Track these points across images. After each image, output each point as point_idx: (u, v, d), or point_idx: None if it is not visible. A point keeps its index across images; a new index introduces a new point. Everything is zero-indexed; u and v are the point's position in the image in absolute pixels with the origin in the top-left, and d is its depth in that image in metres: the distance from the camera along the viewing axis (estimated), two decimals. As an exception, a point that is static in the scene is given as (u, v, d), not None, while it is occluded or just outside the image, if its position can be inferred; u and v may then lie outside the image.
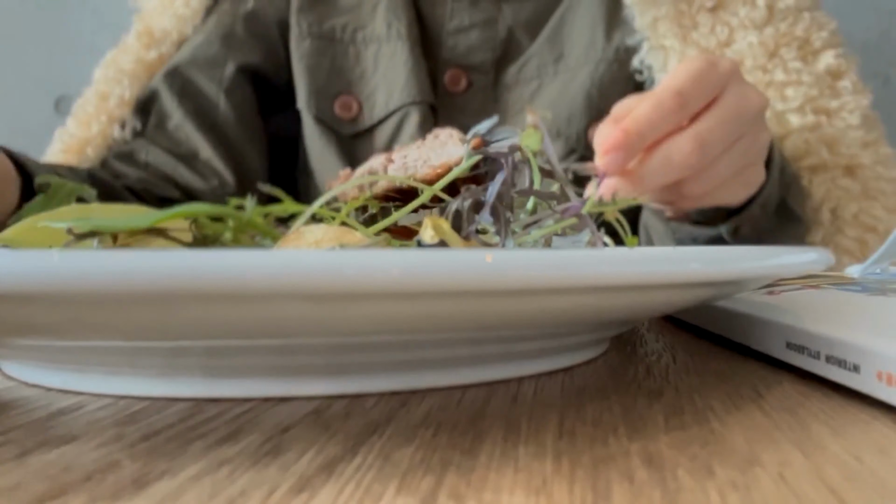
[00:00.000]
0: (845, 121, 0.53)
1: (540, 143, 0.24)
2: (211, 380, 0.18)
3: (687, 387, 0.19)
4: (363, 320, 0.15)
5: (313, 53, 0.65)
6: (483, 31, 0.64)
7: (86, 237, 0.19)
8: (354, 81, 0.65)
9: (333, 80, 0.65)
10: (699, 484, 0.12)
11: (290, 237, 0.20)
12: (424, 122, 0.62)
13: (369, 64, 0.65)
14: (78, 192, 0.28)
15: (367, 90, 0.65)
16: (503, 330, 0.18)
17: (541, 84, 0.63)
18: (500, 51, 0.64)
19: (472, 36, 0.64)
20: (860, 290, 0.28)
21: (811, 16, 0.55)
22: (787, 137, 0.53)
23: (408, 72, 0.63)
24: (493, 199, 0.22)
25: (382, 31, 0.65)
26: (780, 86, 0.53)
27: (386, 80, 0.64)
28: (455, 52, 0.64)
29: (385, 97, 0.64)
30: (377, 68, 0.64)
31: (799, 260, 0.19)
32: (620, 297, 0.17)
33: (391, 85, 0.63)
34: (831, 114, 0.53)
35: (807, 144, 0.53)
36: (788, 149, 0.53)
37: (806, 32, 0.54)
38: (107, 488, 0.12)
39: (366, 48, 0.65)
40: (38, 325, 0.15)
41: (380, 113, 0.64)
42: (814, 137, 0.53)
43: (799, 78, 0.53)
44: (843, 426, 0.16)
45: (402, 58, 0.63)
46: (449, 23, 0.65)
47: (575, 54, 0.62)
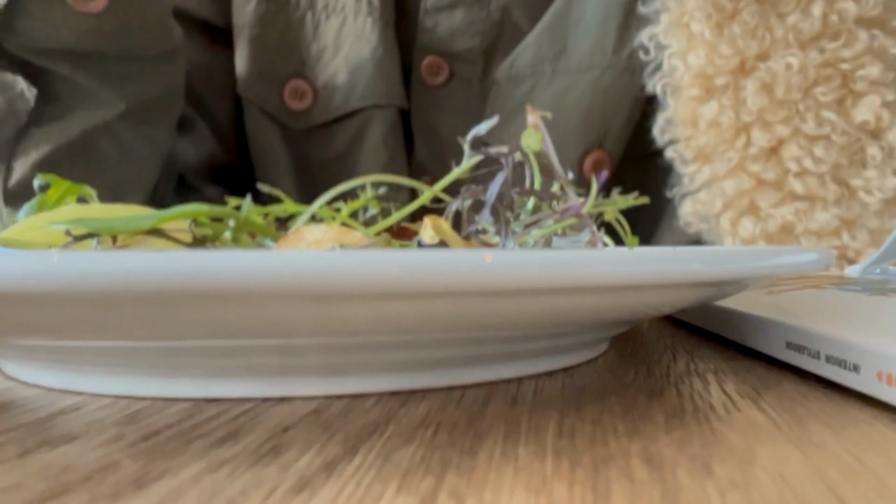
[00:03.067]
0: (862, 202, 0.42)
1: (540, 143, 0.24)
2: (211, 380, 0.18)
3: (687, 387, 0.19)
4: (363, 320, 0.15)
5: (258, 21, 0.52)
6: (470, 10, 0.51)
7: (85, 238, 0.19)
8: (310, 62, 0.52)
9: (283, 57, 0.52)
10: (699, 484, 0.12)
11: (290, 237, 0.20)
12: (391, 131, 0.52)
13: (329, 41, 0.52)
14: (78, 192, 0.28)
15: (325, 75, 0.52)
16: (503, 330, 0.18)
17: (534, 86, 0.50)
18: (490, 36, 0.51)
19: (456, 16, 0.51)
20: (860, 290, 0.28)
21: (869, 36, 0.41)
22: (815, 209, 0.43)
23: (375, 63, 0.51)
24: (493, 199, 0.22)
25: (350, 2, 0.52)
26: (808, 140, 0.42)
27: (348, 66, 0.52)
28: (434, 36, 0.52)
29: (345, 90, 0.52)
30: (339, 49, 0.52)
31: (799, 260, 0.19)
32: (620, 297, 0.17)
33: (354, 75, 0.51)
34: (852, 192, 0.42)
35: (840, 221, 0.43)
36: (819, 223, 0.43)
37: (853, 64, 0.41)
38: (107, 488, 0.12)
39: (327, 20, 0.52)
40: (38, 325, 0.15)
41: (337, 108, 0.52)
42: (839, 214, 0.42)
43: (830, 134, 0.42)
44: (843, 426, 0.16)
45: (371, 43, 0.51)
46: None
47: (579, 53, 0.50)
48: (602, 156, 0.50)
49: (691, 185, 0.45)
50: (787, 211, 0.42)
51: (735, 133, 0.43)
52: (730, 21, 0.43)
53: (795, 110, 0.42)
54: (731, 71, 0.43)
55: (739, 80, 0.43)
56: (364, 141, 0.52)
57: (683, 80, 0.44)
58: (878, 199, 0.42)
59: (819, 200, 0.42)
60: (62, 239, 0.19)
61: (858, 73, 0.42)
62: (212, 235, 0.21)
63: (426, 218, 0.21)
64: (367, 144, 0.52)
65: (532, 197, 0.26)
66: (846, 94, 0.42)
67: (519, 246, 0.23)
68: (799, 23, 0.42)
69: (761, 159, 0.42)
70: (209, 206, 0.20)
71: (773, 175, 0.42)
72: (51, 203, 0.28)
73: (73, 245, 0.19)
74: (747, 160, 0.43)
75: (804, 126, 0.42)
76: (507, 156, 0.22)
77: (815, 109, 0.42)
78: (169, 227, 0.20)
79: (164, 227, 0.20)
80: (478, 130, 0.24)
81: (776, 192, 0.43)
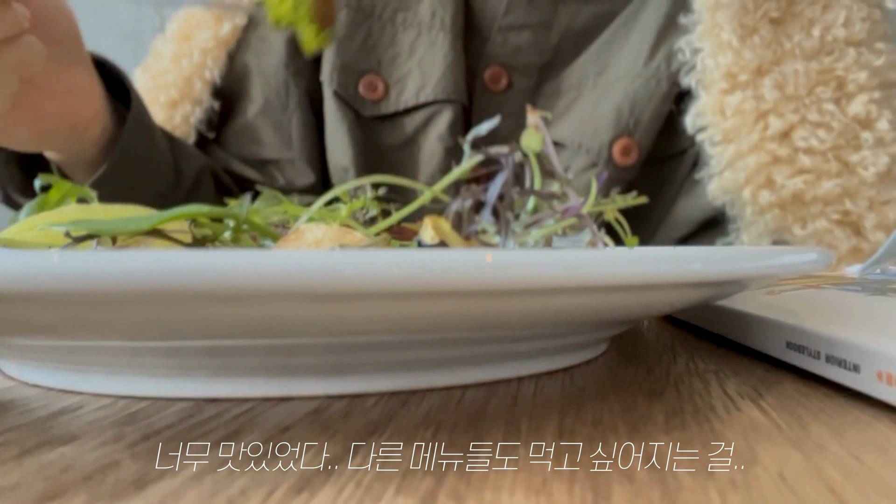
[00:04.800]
0: (860, 176, 0.52)
1: (540, 143, 0.24)
2: (211, 380, 0.18)
3: (687, 387, 0.19)
4: (363, 320, 0.15)
5: (347, 25, 0.61)
6: (535, 33, 0.61)
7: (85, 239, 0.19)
8: (385, 63, 0.61)
9: (363, 56, 0.61)
10: (699, 484, 0.12)
11: (290, 237, 0.20)
12: (456, 123, 0.60)
13: (404, 48, 0.61)
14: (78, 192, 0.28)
15: (398, 74, 0.61)
16: (503, 330, 0.18)
17: (578, 95, 0.60)
18: (547, 56, 0.61)
19: (523, 36, 0.61)
20: (860, 290, 0.28)
21: (857, 52, 0.54)
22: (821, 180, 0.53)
23: (446, 66, 0.60)
24: (493, 199, 0.22)
25: (426, 18, 0.61)
26: (813, 126, 0.53)
27: (420, 68, 0.60)
28: (502, 50, 0.61)
29: (417, 86, 0.60)
30: (413, 54, 0.61)
31: (799, 260, 0.19)
32: (620, 297, 0.17)
33: (426, 75, 0.60)
34: (851, 167, 0.53)
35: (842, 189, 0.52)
36: (824, 190, 0.52)
37: (845, 72, 0.53)
38: (107, 488, 0.12)
39: (404, 31, 0.61)
40: (38, 325, 0.15)
41: (408, 100, 0.60)
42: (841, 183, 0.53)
43: (830, 122, 0.53)
44: (843, 426, 0.16)
45: (443, 50, 0.60)
46: (503, 18, 0.61)
47: (617, 69, 0.60)
48: (630, 143, 0.58)
49: (718, 165, 0.54)
50: (798, 181, 0.52)
51: (755, 119, 0.53)
52: (751, 34, 0.55)
53: (802, 103, 0.53)
54: (752, 70, 0.54)
55: (758, 79, 0.54)
56: (430, 131, 0.60)
57: (714, 76, 0.55)
58: (873, 173, 0.52)
59: (824, 173, 0.52)
60: (62, 240, 0.19)
61: (850, 77, 0.53)
62: (212, 235, 0.21)
63: (426, 218, 0.21)
64: (432, 134, 0.60)
65: (532, 197, 0.26)
66: (841, 95, 0.54)
67: (519, 246, 0.23)
68: (803, 41, 0.54)
69: (776, 140, 0.53)
70: (209, 207, 0.20)
71: (786, 152, 0.53)
72: (51, 204, 0.28)
73: (73, 246, 0.19)
74: (765, 140, 0.53)
75: (809, 115, 0.53)
76: (508, 156, 0.22)
77: (818, 104, 0.53)
78: (169, 227, 0.20)
79: (164, 228, 0.20)
80: (478, 130, 0.24)
81: (789, 166, 0.53)
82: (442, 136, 0.60)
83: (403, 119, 0.61)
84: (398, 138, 0.61)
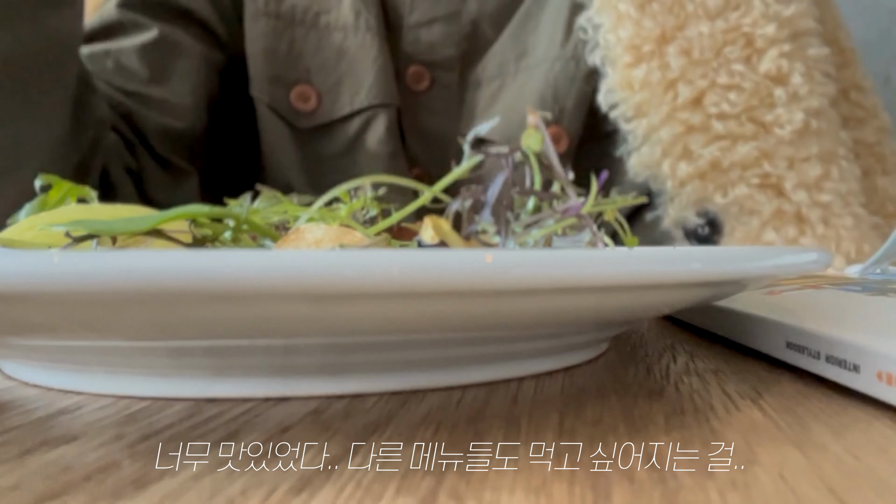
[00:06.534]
0: (776, 136, 0.51)
1: (540, 143, 0.24)
2: (211, 380, 0.18)
3: (687, 387, 0.19)
4: (363, 320, 0.15)
5: (269, 35, 0.59)
6: (446, 25, 0.60)
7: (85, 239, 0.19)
8: (314, 70, 0.60)
9: (291, 66, 0.59)
10: (699, 484, 0.12)
11: (290, 237, 0.20)
12: (392, 126, 0.59)
13: (332, 53, 0.60)
14: (78, 192, 0.28)
15: (329, 81, 0.59)
16: (503, 330, 0.18)
17: (502, 84, 0.59)
18: (464, 46, 0.60)
19: (434, 30, 0.60)
20: (860, 290, 0.28)
21: (763, 3, 0.52)
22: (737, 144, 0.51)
23: (377, 69, 0.58)
24: (493, 199, 0.22)
25: (349, 20, 0.59)
26: (723, 89, 0.51)
27: (352, 73, 0.59)
28: (417, 48, 0.60)
29: (350, 93, 0.59)
30: (342, 59, 0.59)
31: (799, 260, 0.19)
32: (620, 297, 0.17)
33: (358, 81, 0.59)
34: (767, 127, 0.51)
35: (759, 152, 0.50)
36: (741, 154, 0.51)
37: (752, 27, 0.51)
38: (107, 488, 0.12)
39: (328, 35, 0.60)
40: (38, 325, 0.15)
41: (342, 109, 0.59)
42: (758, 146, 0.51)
43: (741, 83, 0.51)
44: (843, 426, 0.16)
45: (372, 53, 0.58)
46: (409, 16, 0.60)
47: (537, 52, 0.59)
48: (559, 130, 0.58)
49: (635, 140, 0.53)
50: (713, 148, 0.51)
51: (664, 89, 0.52)
52: (650, 2, 0.52)
53: (710, 67, 0.52)
54: (654, 40, 0.52)
55: (662, 47, 0.52)
56: (367, 137, 0.59)
57: (617, 50, 0.53)
58: (789, 131, 0.50)
59: (739, 137, 0.51)
60: (62, 240, 0.19)
61: (758, 33, 0.51)
62: (212, 235, 0.21)
63: (426, 218, 0.21)
64: (371, 139, 0.59)
65: (532, 197, 0.26)
66: (751, 53, 0.52)
67: (519, 246, 0.23)
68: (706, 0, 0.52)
69: (688, 108, 0.51)
70: (209, 207, 0.20)
71: (699, 120, 0.51)
72: (51, 204, 0.28)
73: (73, 246, 0.19)
74: (676, 110, 0.52)
75: (719, 78, 0.51)
76: (507, 156, 0.22)
77: (727, 65, 0.51)
78: (169, 227, 0.20)
79: (163, 228, 0.20)
80: (478, 131, 0.24)
81: (703, 134, 0.51)
82: (381, 139, 0.59)
83: (339, 127, 0.60)
84: (338, 146, 0.60)
